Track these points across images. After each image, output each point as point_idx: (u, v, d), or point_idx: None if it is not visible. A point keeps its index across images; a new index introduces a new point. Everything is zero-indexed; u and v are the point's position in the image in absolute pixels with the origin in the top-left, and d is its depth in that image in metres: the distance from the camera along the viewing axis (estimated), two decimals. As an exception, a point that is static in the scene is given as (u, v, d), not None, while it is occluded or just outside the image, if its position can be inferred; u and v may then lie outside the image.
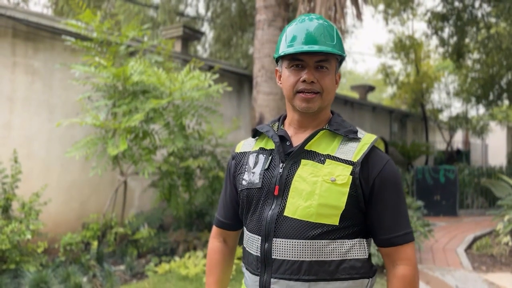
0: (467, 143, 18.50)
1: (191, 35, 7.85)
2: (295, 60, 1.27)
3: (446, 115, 16.24)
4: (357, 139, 1.28)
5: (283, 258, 1.22)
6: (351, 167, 1.23)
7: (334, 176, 1.22)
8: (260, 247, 1.27)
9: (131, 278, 4.69)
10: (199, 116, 5.17)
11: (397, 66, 21.40)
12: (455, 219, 8.90)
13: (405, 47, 14.31)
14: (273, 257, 1.24)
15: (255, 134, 1.45)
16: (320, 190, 1.21)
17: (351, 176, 1.22)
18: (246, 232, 1.36)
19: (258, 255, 1.27)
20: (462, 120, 14.47)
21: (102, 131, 4.92)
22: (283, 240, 1.23)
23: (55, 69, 5.41)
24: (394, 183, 1.26)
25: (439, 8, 10.98)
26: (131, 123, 4.45)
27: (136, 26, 5.23)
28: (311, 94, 1.26)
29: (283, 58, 1.32)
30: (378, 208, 1.24)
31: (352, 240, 1.24)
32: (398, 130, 14.82)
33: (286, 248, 1.22)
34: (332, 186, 1.21)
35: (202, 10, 14.40)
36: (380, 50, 16.41)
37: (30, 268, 4.23)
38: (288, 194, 1.25)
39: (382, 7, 12.99)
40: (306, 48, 1.24)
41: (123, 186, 5.41)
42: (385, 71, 15.03)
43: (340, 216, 1.21)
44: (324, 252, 1.21)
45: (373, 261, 2.13)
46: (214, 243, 1.52)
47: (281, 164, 1.29)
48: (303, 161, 1.27)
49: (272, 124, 1.44)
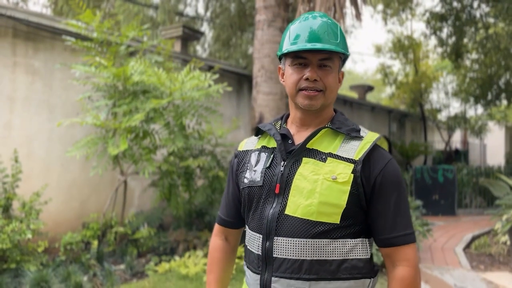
0: (465, 143, 18.55)
1: (191, 35, 7.87)
2: (298, 58, 1.26)
3: (444, 115, 16.28)
4: (359, 137, 1.27)
5: (284, 256, 1.22)
6: (352, 165, 1.22)
7: (335, 174, 1.21)
8: (261, 245, 1.26)
9: (131, 277, 4.70)
10: (199, 116, 5.19)
11: (396, 66, 21.43)
12: (453, 218, 8.93)
13: (404, 47, 14.34)
14: (274, 255, 1.23)
15: (258, 132, 1.44)
16: (321, 188, 1.20)
17: (352, 175, 1.21)
18: (248, 230, 1.36)
19: (259, 253, 1.27)
20: (460, 120, 14.51)
21: (102, 131, 4.93)
22: (284, 238, 1.22)
23: (55, 69, 5.42)
24: (395, 182, 1.24)
25: (438, 8, 11.01)
26: (131, 123, 4.47)
27: (136, 26, 5.25)
28: (313, 92, 1.25)
29: (286, 56, 1.31)
30: (378, 207, 1.23)
31: (354, 239, 1.23)
32: (396, 130, 14.85)
33: (287, 247, 1.21)
34: (333, 184, 1.20)
35: (201, 10, 14.41)
36: (379, 50, 16.44)
37: (31, 267, 4.25)
38: (289, 192, 1.24)
39: (381, 7, 13.03)
40: (309, 46, 1.23)
41: (123, 186, 5.42)
42: (384, 71, 15.06)
43: (341, 214, 1.20)
44: (325, 251, 1.20)
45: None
46: (215, 241, 1.52)
47: (282, 162, 1.28)
48: (305, 159, 1.26)
49: (275, 123, 1.43)
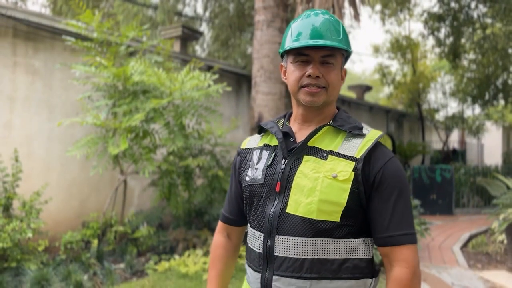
0: (463, 142, 18.60)
1: (190, 35, 7.89)
2: (301, 55, 1.26)
3: (442, 115, 16.33)
4: (361, 135, 1.26)
5: (285, 255, 1.21)
6: (353, 163, 1.20)
7: (336, 172, 1.19)
8: (263, 244, 1.26)
9: (131, 276, 4.73)
10: (199, 115, 5.22)
11: (393, 66, 21.45)
12: (451, 217, 8.98)
13: (401, 47, 14.39)
14: (275, 254, 1.23)
15: (261, 130, 1.44)
16: (321, 186, 1.19)
17: (353, 172, 1.19)
18: (250, 228, 1.36)
19: (261, 252, 1.27)
20: (458, 119, 14.55)
21: (102, 131, 4.95)
22: (286, 237, 1.21)
23: (55, 69, 5.44)
24: (396, 181, 1.21)
25: (436, 9, 11.05)
26: (131, 122, 4.49)
27: (136, 26, 5.27)
28: (316, 88, 1.24)
29: (288, 53, 1.30)
30: (377, 205, 1.21)
31: (356, 239, 1.22)
32: (394, 129, 14.90)
33: (288, 246, 1.21)
34: (333, 182, 1.19)
35: (200, 10, 14.42)
36: (377, 50, 16.49)
37: (31, 266, 4.27)
38: (290, 190, 1.23)
39: (379, 7, 13.07)
40: (312, 42, 1.22)
41: (123, 185, 5.44)
42: (382, 71, 15.10)
43: (341, 213, 1.19)
44: (327, 251, 1.19)
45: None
46: (218, 237, 1.53)
47: (283, 160, 1.28)
48: (306, 157, 1.25)
49: (278, 121, 1.43)
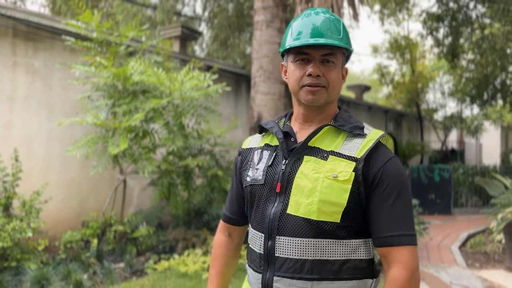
0: (461, 142, 18.64)
1: (189, 35, 7.90)
2: (301, 54, 1.25)
3: (441, 114, 16.37)
4: (362, 135, 1.25)
5: (286, 256, 1.21)
6: (354, 164, 1.19)
7: (336, 172, 1.19)
8: (263, 244, 1.26)
9: (130, 275, 4.74)
10: (198, 115, 5.23)
11: (392, 66, 21.62)
12: (449, 217, 9.01)
13: (400, 47, 14.41)
14: (276, 255, 1.22)
15: (262, 130, 1.43)
16: (321, 186, 1.18)
17: (353, 173, 1.18)
18: (251, 228, 1.36)
19: (261, 252, 1.27)
20: (456, 119, 14.59)
21: (102, 130, 4.96)
22: (286, 238, 1.21)
23: (55, 68, 5.45)
24: (395, 181, 1.20)
25: (434, 9, 11.08)
26: (131, 122, 4.50)
27: (135, 26, 5.29)
28: (316, 87, 1.24)
29: (288, 52, 1.29)
30: (376, 205, 1.19)
31: (357, 240, 1.22)
32: (393, 129, 14.92)
33: (289, 246, 1.20)
34: (333, 183, 1.18)
35: (199, 10, 14.44)
36: (375, 50, 16.53)
37: (31, 265, 4.28)
38: (290, 191, 1.23)
39: (378, 7, 13.10)
40: (312, 41, 1.21)
41: (123, 185, 5.46)
42: (380, 71, 15.13)
43: (342, 213, 1.18)
44: (328, 251, 1.19)
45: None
46: (219, 236, 1.53)
47: (284, 160, 1.27)
48: (306, 157, 1.24)
49: (278, 120, 1.42)
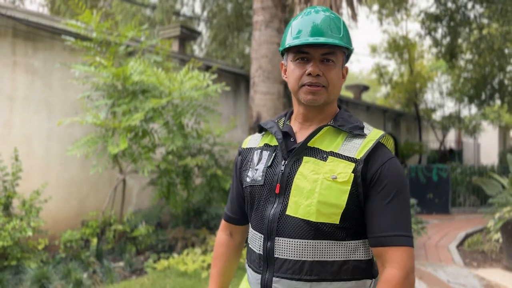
0: (459, 142, 18.70)
1: (188, 35, 7.92)
2: (301, 52, 1.23)
3: (439, 114, 16.42)
4: (362, 135, 1.23)
5: (285, 257, 1.20)
6: (353, 165, 1.18)
7: (336, 173, 1.17)
8: (263, 245, 1.26)
9: (130, 274, 4.76)
10: (198, 115, 5.25)
11: (391, 66, 21.63)
12: (447, 216, 9.05)
13: (399, 47, 14.45)
14: (275, 256, 1.22)
15: (261, 129, 1.42)
16: (320, 188, 1.17)
17: (353, 174, 1.17)
18: (250, 228, 1.36)
19: (261, 253, 1.27)
20: (455, 119, 14.64)
21: (102, 130, 4.98)
22: (286, 239, 1.21)
23: (54, 68, 5.46)
24: (393, 181, 1.18)
25: (433, 9, 11.12)
26: (131, 122, 4.52)
27: (135, 26, 5.30)
28: (316, 87, 1.22)
29: (288, 51, 1.28)
30: (373, 204, 1.18)
31: (356, 241, 1.21)
32: (391, 129, 14.96)
33: (288, 247, 1.20)
34: (332, 184, 1.17)
35: (198, 10, 14.44)
36: (374, 50, 16.57)
37: (31, 264, 4.30)
38: (289, 192, 1.22)
39: (376, 7, 13.13)
40: (312, 40, 1.20)
41: (122, 184, 5.48)
42: (379, 71, 15.17)
43: (341, 215, 1.17)
44: (327, 253, 1.18)
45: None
46: (220, 236, 1.54)
47: (283, 161, 1.26)
48: (305, 158, 1.23)
49: (278, 120, 1.41)
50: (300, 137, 1.30)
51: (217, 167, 5.84)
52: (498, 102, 12.69)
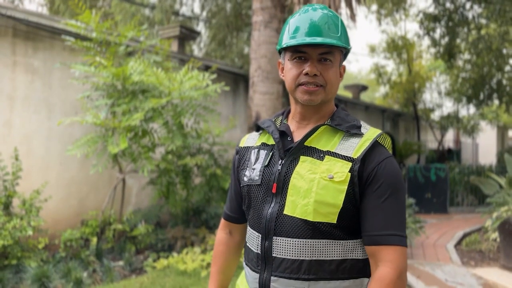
0: (458, 142, 18.75)
1: (188, 34, 7.94)
2: (298, 52, 1.22)
3: (437, 114, 16.45)
4: (359, 134, 1.23)
5: (283, 256, 1.20)
6: (350, 164, 1.17)
7: (332, 173, 1.17)
8: (261, 244, 1.25)
9: (130, 273, 4.79)
10: (197, 115, 5.28)
11: (389, 66, 21.68)
12: (445, 216, 9.08)
13: (397, 47, 14.49)
14: (273, 255, 1.22)
15: (259, 128, 1.41)
16: (317, 187, 1.17)
17: (349, 174, 1.17)
18: (248, 227, 1.36)
19: (259, 252, 1.26)
20: (453, 119, 14.67)
21: (102, 130, 5.00)
22: (283, 238, 1.21)
23: (54, 68, 5.48)
24: (389, 181, 1.18)
25: (431, 9, 11.17)
26: (131, 122, 4.54)
27: (135, 26, 5.33)
28: (313, 87, 1.21)
29: (285, 50, 1.26)
30: (368, 203, 1.18)
31: (353, 240, 1.21)
32: (390, 129, 15.00)
33: (286, 247, 1.20)
34: (329, 184, 1.17)
35: (197, 10, 14.46)
36: (373, 50, 16.61)
37: (32, 263, 4.32)
38: (286, 192, 1.22)
39: (375, 7, 13.17)
40: (309, 40, 1.18)
41: (122, 184, 5.50)
42: (377, 71, 15.21)
43: (338, 214, 1.17)
44: (325, 252, 1.18)
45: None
46: (220, 234, 1.54)
47: (280, 161, 1.26)
48: (302, 157, 1.23)
49: (276, 119, 1.41)
50: (297, 136, 1.29)
51: (216, 166, 5.87)
52: (496, 102, 12.72)
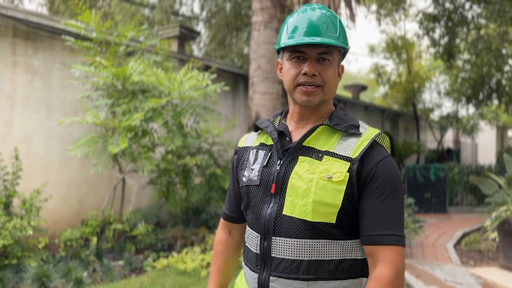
0: (457, 142, 18.76)
1: (187, 34, 7.95)
2: (296, 52, 1.21)
3: (437, 114, 16.48)
4: (358, 134, 1.23)
5: (282, 256, 1.20)
6: (348, 164, 1.17)
7: (331, 173, 1.17)
8: (260, 244, 1.25)
9: (130, 273, 4.80)
10: (197, 115, 5.29)
11: (389, 66, 21.64)
12: (445, 216, 9.09)
13: (397, 47, 14.51)
14: (272, 255, 1.22)
15: (257, 128, 1.41)
16: (316, 187, 1.16)
17: (348, 174, 1.16)
18: (247, 227, 1.36)
19: (258, 252, 1.26)
20: (452, 119, 14.69)
21: (102, 130, 5.01)
22: (282, 238, 1.20)
23: (54, 68, 5.49)
24: (388, 180, 1.17)
25: (431, 9, 11.21)
26: (131, 122, 4.55)
27: (135, 26, 5.33)
28: (312, 88, 1.21)
29: (284, 50, 1.26)
30: (366, 203, 1.18)
31: (352, 240, 1.21)
32: (390, 129, 15.02)
33: (285, 247, 1.20)
34: (328, 184, 1.16)
35: (197, 10, 14.47)
36: (372, 50, 16.63)
37: (32, 263, 4.33)
38: (285, 192, 1.22)
39: (374, 7, 13.18)
40: (307, 40, 1.18)
41: (121, 184, 5.51)
42: (377, 71, 15.23)
43: (337, 214, 1.17)
44: (324, 252, 1.18)
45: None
46: (219, 234, 1.54)
47: (278, 161, 1.25)
48: (301, 157, 1.22)
49: (274, 119, 1.40)
50: (296, 136, 1.29)
51: (216, 166, 5.88)
52: (496, 102, 12.75)
